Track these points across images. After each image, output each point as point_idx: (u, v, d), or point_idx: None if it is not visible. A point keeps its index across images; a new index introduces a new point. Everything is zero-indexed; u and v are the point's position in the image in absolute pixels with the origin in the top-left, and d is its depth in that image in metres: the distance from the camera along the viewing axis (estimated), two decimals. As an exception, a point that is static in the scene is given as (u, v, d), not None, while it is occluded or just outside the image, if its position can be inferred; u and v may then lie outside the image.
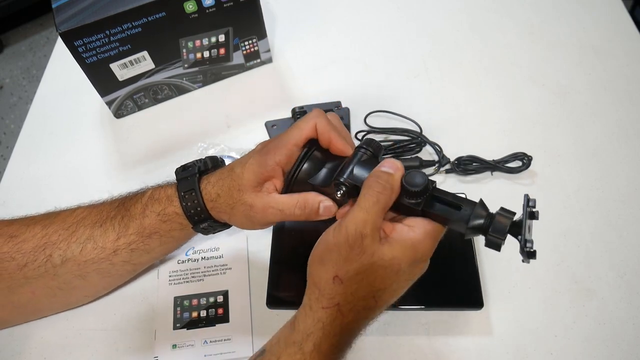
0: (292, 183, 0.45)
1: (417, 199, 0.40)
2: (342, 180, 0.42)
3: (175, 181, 0.49)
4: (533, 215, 0.38)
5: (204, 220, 0.47)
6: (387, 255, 0.38)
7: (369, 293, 0.39)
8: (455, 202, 0.40)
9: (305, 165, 0.45)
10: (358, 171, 0.42)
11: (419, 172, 0.40)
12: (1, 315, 0.52)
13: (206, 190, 0.47)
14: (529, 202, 0.38)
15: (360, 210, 0.38)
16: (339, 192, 0.42)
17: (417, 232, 0.39)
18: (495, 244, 0.38)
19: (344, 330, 0.39)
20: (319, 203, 0.44)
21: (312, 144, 0.45)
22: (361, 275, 0.38)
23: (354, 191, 0.42)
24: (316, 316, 0.39)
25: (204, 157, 0.50)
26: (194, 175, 0.47)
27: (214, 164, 0.50)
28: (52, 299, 0.51)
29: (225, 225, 0.49)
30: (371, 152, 0.44)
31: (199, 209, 0.46)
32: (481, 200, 0.40)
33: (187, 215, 0.47)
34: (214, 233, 0.51)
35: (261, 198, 0.44)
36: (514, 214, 0.39)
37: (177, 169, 0.49)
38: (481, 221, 0.38)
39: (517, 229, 0.38)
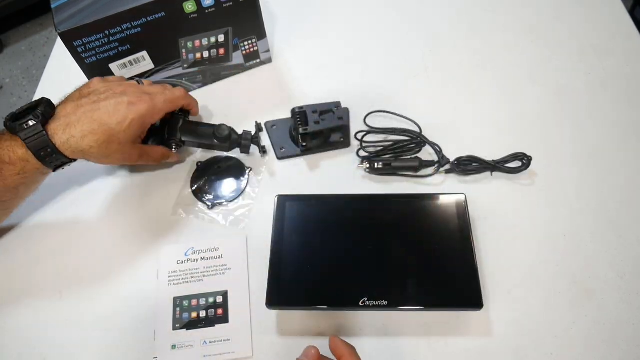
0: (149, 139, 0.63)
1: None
2: (172, 139, 0.62)
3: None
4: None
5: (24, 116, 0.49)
6: None
7: None
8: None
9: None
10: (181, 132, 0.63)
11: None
12: None
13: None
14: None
15: None
16: (174, 148, 0.63)
17: None
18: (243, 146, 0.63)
19: None
20: (161, 154, 0.62)
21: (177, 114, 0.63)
22: None
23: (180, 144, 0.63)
24: None
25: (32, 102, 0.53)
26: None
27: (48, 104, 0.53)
28: None
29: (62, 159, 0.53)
30: (184, 117, 0.63)
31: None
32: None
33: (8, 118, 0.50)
34: (41, 148, 0.51)
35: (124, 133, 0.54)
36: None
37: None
38: (226, 132, 0.61)
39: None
